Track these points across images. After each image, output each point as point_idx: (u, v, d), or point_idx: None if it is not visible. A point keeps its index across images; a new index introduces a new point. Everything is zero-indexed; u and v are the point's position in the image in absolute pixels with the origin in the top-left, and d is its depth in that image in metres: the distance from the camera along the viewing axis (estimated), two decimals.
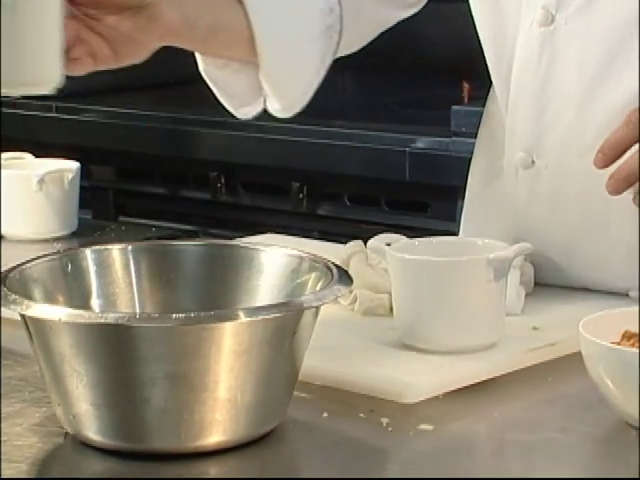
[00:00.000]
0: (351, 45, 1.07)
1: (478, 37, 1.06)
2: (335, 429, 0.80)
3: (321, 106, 1.89)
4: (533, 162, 1.00)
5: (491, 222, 1.08)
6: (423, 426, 0.80)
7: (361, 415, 0.81)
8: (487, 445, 0.80)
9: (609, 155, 0.90)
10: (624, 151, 0.90)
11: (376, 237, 1.00)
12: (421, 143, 1.70)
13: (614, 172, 0.90)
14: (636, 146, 0.90)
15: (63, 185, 1.28)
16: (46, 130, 1.97)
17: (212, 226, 1.84)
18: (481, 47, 1.06)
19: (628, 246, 0.99)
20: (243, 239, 1.17)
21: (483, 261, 0.88)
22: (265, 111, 1.07)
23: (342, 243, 1.04)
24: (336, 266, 0.81)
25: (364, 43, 1.07)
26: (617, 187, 0.90)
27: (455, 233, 1.23)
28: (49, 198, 1.27)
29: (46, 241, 1.26)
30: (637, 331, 0.82)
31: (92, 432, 0.76)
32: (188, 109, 1.86)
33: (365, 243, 1.01)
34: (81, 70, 0.93)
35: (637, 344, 0.81)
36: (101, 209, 1.96)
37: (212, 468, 0.75)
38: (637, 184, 0.90)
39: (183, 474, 0.74)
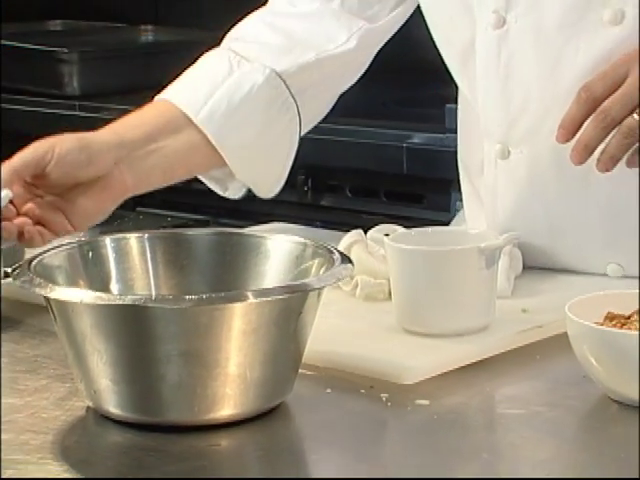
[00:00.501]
0: (312, 121, 1.11)
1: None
2: (338, 404, 0.80)
3: None
4: (509, 152, 1.02)
5: (482, 211, 1.08)
6: (420, 401, 0.80)
7: (362, 391, 0.81)
8: (480, 418, 0.80)
9: (568, 129, 0.92)
10: (581, 124, 0.92)
11: (375, 228, 1.00)
12: (417, 139, 1.69)
13: (574, 144, 0.93)
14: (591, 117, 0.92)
15: None
16: (69, 127, 1.96)
17: (223, 216, 1.83)
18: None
19: (606, 227, 1.00)
20: (251, 228, 1.17)
21: (475, 250, 0.88)
22: None
23: (344, 232, 1.04)
24: (338, 252, 0.81)
25: (324, 114, 1.12)
26: (579, 157, 0.92)
27: (448, 223, 1.23)
28: None
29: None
30: (619, 312, 0.82)
31: (112, 406, 0.76)
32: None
33: (365, 232, 1.01)
34: (39, 244, 0.93)
35: (619, 325, 0.80)
36: None
37: (223, 439, 0.75)
38: (601, 150, 0.92)
39: (196, 445, 0.74)
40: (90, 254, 0.83)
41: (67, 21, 2.33)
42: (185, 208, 1.90)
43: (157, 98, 1.05)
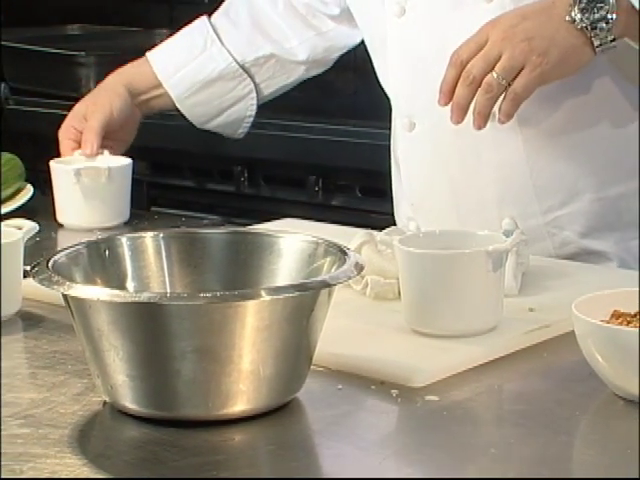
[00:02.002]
0: (270, 95, 1.36)
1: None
2: (349, 400, 0.80)
3: (335, 107, 1.88)
4: (414, 124, 1.13)
5: (398, 184, 1.20)
6: (429, 397, 0.79)
7: (372, 387, 0.81)
8: (488, 414, 0.79)
9: (445, 92, 1.01)
10: (454, 87, 1.01)
11: (385, 230, 1.00)
12: None
13: (451, 106, 1.01)
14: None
15: (100, 179, 1.26)
16: None
17: (236, 215, 1.83)
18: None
19: (500, 182, 1.09)
20: (262, 224, 1.17)
21: (482, 253, 0.87)
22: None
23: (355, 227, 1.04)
24: (350, 250, 0.81)
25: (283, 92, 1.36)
26: (455, 116, 1.00)
27: None
28: (86, 191, 1.25)
29: (94, 230, 1.23)
30: (625, 310, 0.81)
31: (128, 401, 0.76)
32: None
33: (375, 231, 1.00)
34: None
35: (625, 323, 0.80)
36: (136, 200, 1.96)
37: (237, 434, 0.75)
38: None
39: (210, 439, 0.74)
40: (107, 253, 0.83)
41: (85, 25, 2.34)
42: (199, 208, 1.90)
43: (147, 54, 1.38)
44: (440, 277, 0.87)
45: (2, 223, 1.03)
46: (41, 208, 1.31)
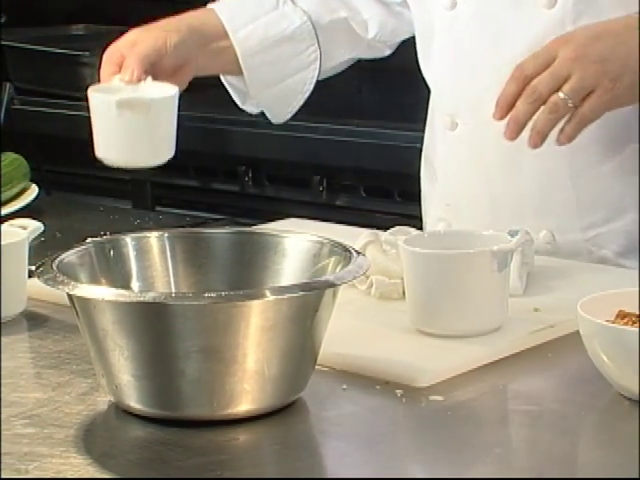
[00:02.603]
0: (328, 72, 1.25)
1: None
2: (353, 400, 0.80)
3: (339, 107, 1.88)
4: (457, 124, 1.09)
5: (430, 185, 1.16)
6: (434, 397, 0.79)
7: (377, 387, 0.81)
8: (493, 414, 0.79)
9: (502, 107, 0.98)
10: (514, 103, 0.97)
11: (390, 230, 1.00)
12: None
13: (508, 121, 0.98)
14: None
15: (142, 112, 1.04)
16: (91, 128, 1.97)
17: (240, 215, 1.83)
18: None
19: (539, 192, 1.06)
20: (267, 224, 1.17)
21: (487, 253, 0.87)
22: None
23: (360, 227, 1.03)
24: (354, 250, 0.81)
25: (338, 71, 1.26)
26: (511, 132, 0.97)
27: None
28: (129, 124, 1.04)
29: (138, 170, 1.11)
30: (630, 311, 0.81)
31: (133, 401, 0.76)
32: (219, 110, 1.85)
33: (379, 231, 1.00)
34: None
35: (630, 323, 0.80)
36: (140, 200, 1.96)
37: (241, 434, 0.75)
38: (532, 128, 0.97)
39: (215, 439, 0.74)
40: (112, 252, 0.83)
41: (89, 25, 2.34)
42: (203, 207, 1.90)
43: (210, 5, 1.21)
44: (445, 277, 0.87)
45: (7, 223, 1.03)
46: (46, 208, 1.32)
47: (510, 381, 0.83)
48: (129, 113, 1.04)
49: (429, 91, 1.17)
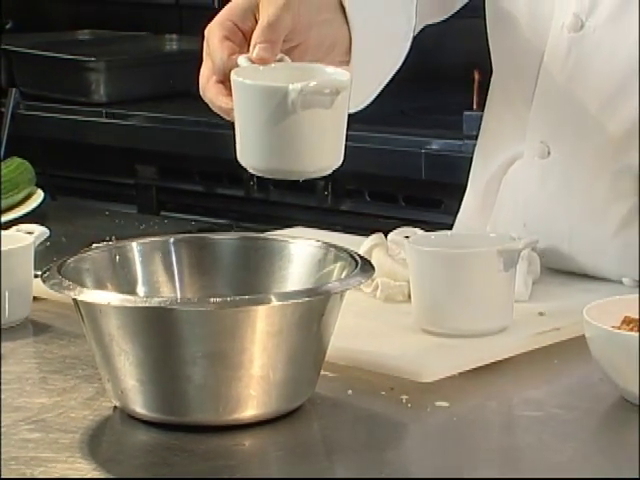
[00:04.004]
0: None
1: (488, 47, 1.06)
2: (359, 405, 0.79)
3: None
4: (549, 153, 1.00)
5: (498, 211, 1.07)
6: (439, 403, 0.79)
7: (382, 393, 0.81)
8: (498, 420, 0.79)
9: None
10: None
11: (396, 230, 1.00)
12: (435, 145, 1.69)
13: None
14: None
15: (330, 104, 0.77)
16: (96, 133, 1.97)
17: (245, 220, 1.83)
18: (489, 57, 1.05)
19: (623, 239, 0.98)
20: (274, 232, 1.17)
21: (494, 253, 0.87)
22: None
23: (363, 236, 1.03)
24: (359, 256, 0.81)
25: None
26: None
27: (451, 226, 1.22)
28: (312, 120, 0.77)
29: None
30: (636, 317, 0.81)
31: (138, 406, 0.76)
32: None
33: (385, 236, 1.00)
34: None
35: (636, 329, 0.80)
36: (145, 205, 1.96)
37: (247, 439, 0.75)
38: None
39: (221, 444, 0.74)
40: (117, 257, 0.83)
41: (95, 31, 2.34)
42: (208, 213, 1.90)
43: None
44: (451, 276, 0.87)
45: (13, 228, 1.03)
46: (51, 213, 1.32)
47: (516, 386, 0.83)
48: (308, 107, 0.75)
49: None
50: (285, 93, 0.76)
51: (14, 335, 0.93)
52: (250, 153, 0.81)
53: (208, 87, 0.85)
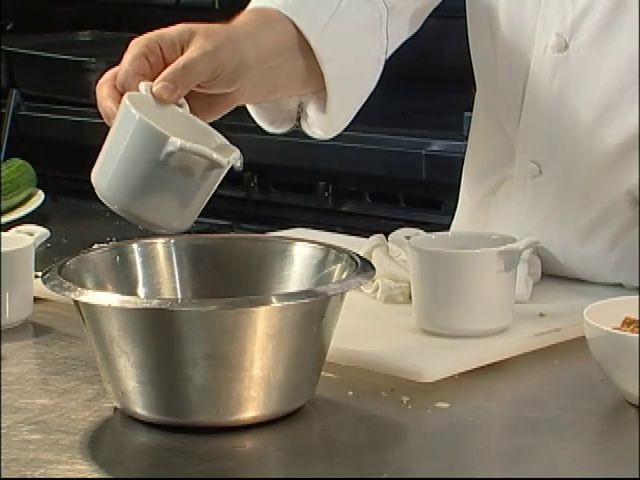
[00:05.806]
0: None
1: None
2: (359, 406, 0.79)
3: None
4: (540, 172, 1.00)
5: (491, 226, 1.06)
6: (440, 404, 0.79)
7: (383, 394, 0.81)
8: (498, 421, 0.79)
9: None
10: None
11: (396, 231, 1.00)
12: (436, 146, 1.69)
13: None
14: None
15: (201, 171, 0.78)
16: (97, 134, 1.97)
17: (246, 221, 1.83)
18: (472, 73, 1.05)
19: (619, 251, 0.98)
20: (275, 233, 1.17)
21: (494, 253, 0.87)
22: None
23: (364, 237, 1.03)
24: (360, 257, 0.81)
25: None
26: None
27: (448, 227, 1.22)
28: (172, 178, 0.76)
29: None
30: (636, 318, 0.81)
31: (139, 407, 0.76)
32: (223, 116, 1.85)
33: (386, 237, 1.00)
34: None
35: (636, 330, 0.80)
36: None
37: (247, 440, 0.75)
38: None
39: (221, 446, 0.74)
40: (118, 259, 0.83)
41: (95, 32, 2.34)
42: (208, 213, 1.90)
43: (277, 7, 0.90)
44: (451, 276, 0.87)
45: (13, 229, 1.03)
46: (52, 214, 1.32)
47: (516, 388, 0.83)
48: (179, 165, 0.73)
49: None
50: (164, 142, 0.73)
51: (15, 336, 0.93)
52: (106, 178, 0.79)
53: (105, 86, 0.84)
